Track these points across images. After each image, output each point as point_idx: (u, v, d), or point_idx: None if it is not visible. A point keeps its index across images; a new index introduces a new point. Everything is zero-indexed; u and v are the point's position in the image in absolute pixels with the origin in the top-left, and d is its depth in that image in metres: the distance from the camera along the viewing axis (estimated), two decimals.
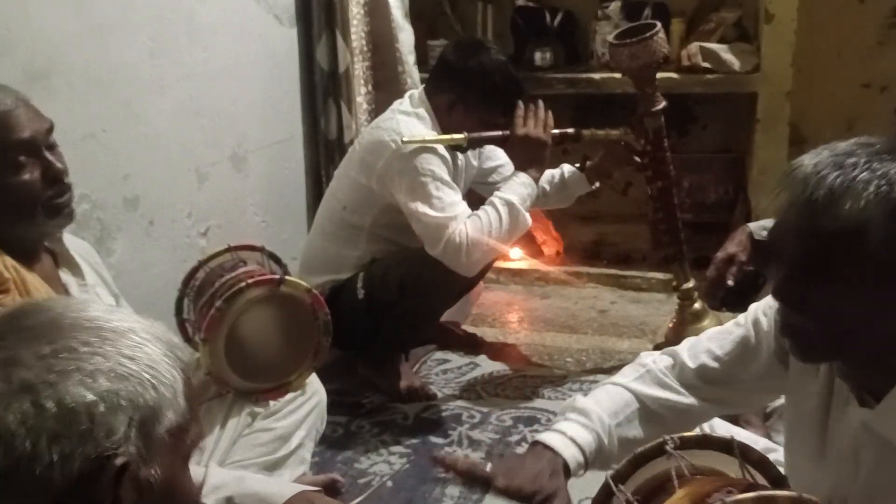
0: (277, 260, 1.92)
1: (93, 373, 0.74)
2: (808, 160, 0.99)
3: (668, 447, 1.05)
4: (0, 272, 1.33)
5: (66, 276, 1.51)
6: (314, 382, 1.88)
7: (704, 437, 1.11)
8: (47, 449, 0.71)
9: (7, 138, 1.36)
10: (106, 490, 0.74)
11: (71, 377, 0.73)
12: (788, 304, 1.04)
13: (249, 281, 1.68)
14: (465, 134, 2.29)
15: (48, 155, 1.41)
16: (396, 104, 2.50)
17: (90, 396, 0.73)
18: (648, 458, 1.08)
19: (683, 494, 0.96)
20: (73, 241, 1.57)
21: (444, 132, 2.35)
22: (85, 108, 1.96)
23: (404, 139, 2.26)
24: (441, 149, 2.30)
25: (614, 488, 1.06)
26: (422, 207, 2.24)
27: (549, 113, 2.37)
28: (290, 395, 1.81)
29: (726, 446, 1.06)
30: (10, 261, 1.37)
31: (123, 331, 0.78)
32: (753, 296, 2.28)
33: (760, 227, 2.17)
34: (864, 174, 0.94)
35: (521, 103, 2.36)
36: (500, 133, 2.35)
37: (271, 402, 1.80)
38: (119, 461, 0.74)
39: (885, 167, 0.94)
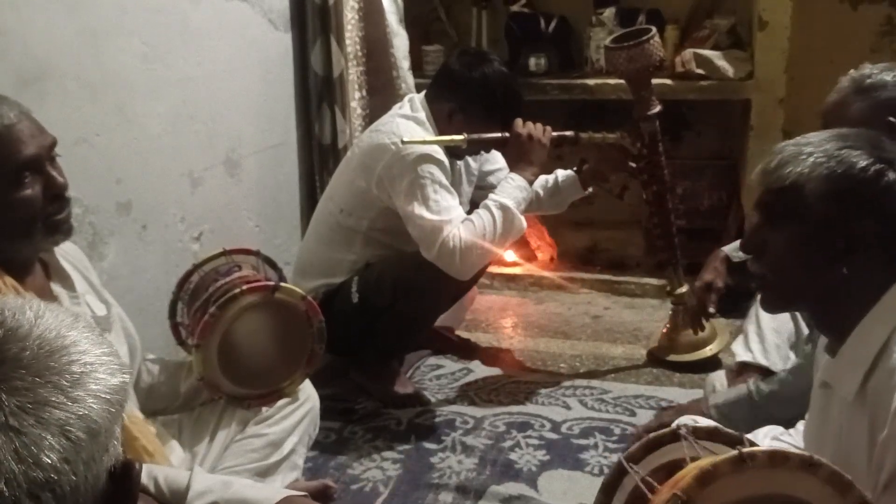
0: (273, 264, 1.91)
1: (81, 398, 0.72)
2: (787, 141, 1.25)
3: (681, 431, 1.07)
4: (4, 293, 1.31)
5: (57, 287, 1.50)
6: (307, 388, 1.87)
7: (716, 429, 1.13)
8: (84, 476, 0.70)
9: (11, 155, 1.33)
10: (131, 490, 0.75)
11: (82, 402, 0.71)
12: (750, 251, 1.27)
13: (244, 287, 1.66)
14: (465, 135, 2.30)
15: (50, 170, 1.39)
16: (396, 108, 2.50)
17: (102, 413, 0.72)
18: (661, 443, 1.10)
19: (696, 464, 0.97)
20: (62, 246, 1.56)
21: None
22: (78, 113, 1.95)
23: (404, 139, 2.26)
24: (441, 155, 2.30)
25: (627, 467, 1.07)
26: (418, 209, 2.24)
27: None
28: (282, 401, 1.80)
29: (735, 441, 1.07)
30: (10, 280, 1.35)
31: (67, 345, 0.75)
32: (746, 302, 2.36)
33: (734, 249, 2.27)
34: (810, 149, 1.19)
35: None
36: (499, 135, 2.36)
37: (263, 408, 1.79)
38: (137, 465, 0.75)
39: (829, 146, 1.18)
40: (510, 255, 3.44)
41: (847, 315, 1.19)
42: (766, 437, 1.57)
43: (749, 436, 1.61)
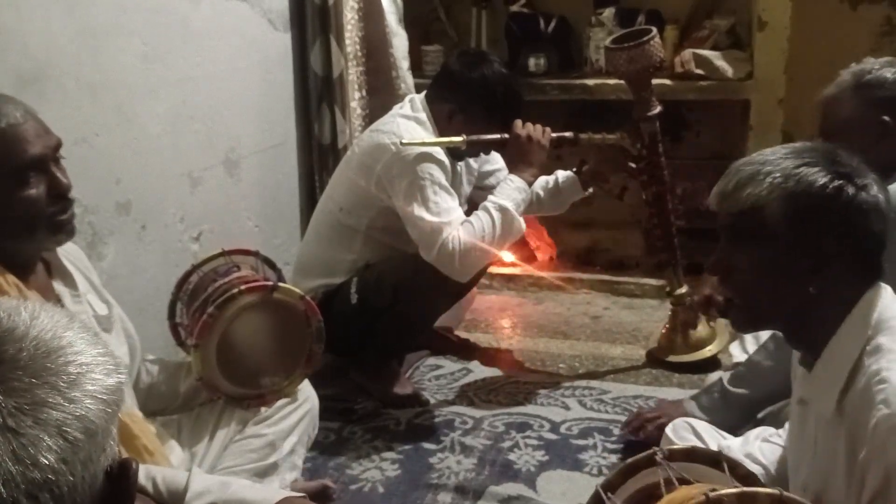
0: (272, 265, 1.92)
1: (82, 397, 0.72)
2: (742, 159, 1.23)
3: (657, 457, 1.06)
4: (6, 291, 1.32)
5: (59, 286, 1.50)
6: (306, 388, 1.87)
7: (692, 449, 1.12)
8: (81, 477, 0.70)
9: (17, 154, 1.34)
10: (128, 490, 0.76)
11: (79, 403, 0.71)
12: (716, 273, 1.26)
13: (242, 287, 1.67)
14: (465, 136, 2.30)
15: (55, 170, 1.40)
16: (397, 108, 2.50)
17: (98, 412, 0.72)
18: (638, 468, 1.09)
19: (668, 500, 0.97)
20: (63, 246, 1.56)
21: None
22: (77, 113, 1.95)
23: (403, 140, 2.26)
24: (441, 156, 2.30)
25: (604, 496, 1.07)
26: (418, 211, 2.24)
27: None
28: (281, 401, 1.80)
29: (713, 459, 1.07)
30: (11, 278, 1.36)
31: (62, 346, 0.75)
32: None
33: None
34: (767, 168, 1.16)
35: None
36: (498, 136, 2.35)
37: (262, 409, 1.79)
38: (134, 464, 0.76)
39: (786, 164, 1.16)
40: (509, 255, 3.44)
41: (818, 332, 1.18)
42: (757, 440, 1.58)
43: (741, 438, 1.62)
